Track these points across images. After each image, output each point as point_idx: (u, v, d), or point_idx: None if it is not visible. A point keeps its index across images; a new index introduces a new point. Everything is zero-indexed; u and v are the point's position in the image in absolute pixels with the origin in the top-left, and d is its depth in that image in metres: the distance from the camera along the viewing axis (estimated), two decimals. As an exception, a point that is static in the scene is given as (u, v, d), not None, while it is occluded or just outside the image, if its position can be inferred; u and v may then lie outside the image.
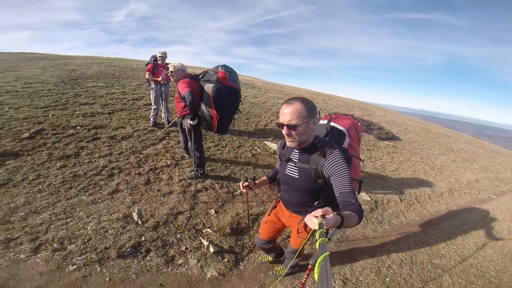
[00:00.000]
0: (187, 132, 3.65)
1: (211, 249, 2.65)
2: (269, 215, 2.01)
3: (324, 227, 0.89)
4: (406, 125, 11.09)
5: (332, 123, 2.09)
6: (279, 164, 1.80)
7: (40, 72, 8.44)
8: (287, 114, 1.38)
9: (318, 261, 0.71)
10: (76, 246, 2.46)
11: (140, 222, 2.86)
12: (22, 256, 2.30)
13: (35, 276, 2.15)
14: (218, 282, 2.38)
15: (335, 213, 1.00)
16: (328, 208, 0.99)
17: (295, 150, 1.58)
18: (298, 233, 1.79)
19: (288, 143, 1.50)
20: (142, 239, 2.65)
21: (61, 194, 3.13)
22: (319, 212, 0.96)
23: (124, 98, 6.46)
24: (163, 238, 2.72)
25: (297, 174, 1.56)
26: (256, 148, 5.07)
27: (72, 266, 2.27)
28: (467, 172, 7.05)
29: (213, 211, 3.24)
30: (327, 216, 0.95)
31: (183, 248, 2.65)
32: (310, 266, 1.83)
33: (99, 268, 2.29)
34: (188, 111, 3.33)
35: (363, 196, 4.19)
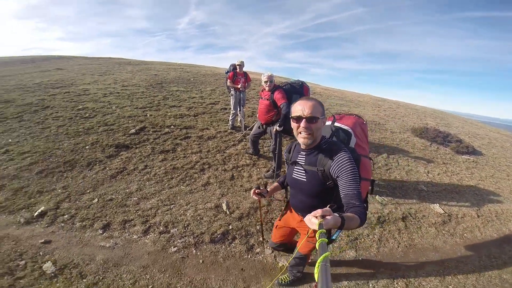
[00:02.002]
0: (272, 136, 3.98)
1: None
2: (280, 220, 1.99)
3: (324, 228, 0.90)
4: (490, 138, 9.82)
5: (336, 124, 2.03)
6: (286, 168, 1.74)
7: (131, 76, 9.87)
8: (306, 107, 1.37)
9: (318, 261, 0.72)
10: (177, 230, 2.89)
11: (228, 212, 3.23)
12: (135, 236, 2.77)
13: (144, 256, 2.55)
14: (287, 270, 2.53)
15: (335, 214, 1.00)
16: (328, 208, 0.99)
17: (301, 153, 1.53)
18: (308, 237, 1.66)
19: (304, 140, 1.43)
20: (230, 228, 2.99)
21: (164, 183, 3.71)
22: (318, 212, 0.96)
23: (203, 102, 7.19)
24: (246, 228, 3.02)
25: (305, 177, 1.52)
26: None
27: (173, 248, 2.67)
28: None
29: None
30: (327, 217, 0.95)
31: (261, 239, 2.91)
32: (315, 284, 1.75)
33: (194, 251, 2.66)
34: (272, 119, 3.77)
35: (436, 209, 3.98)
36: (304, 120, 1.37)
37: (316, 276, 0.69)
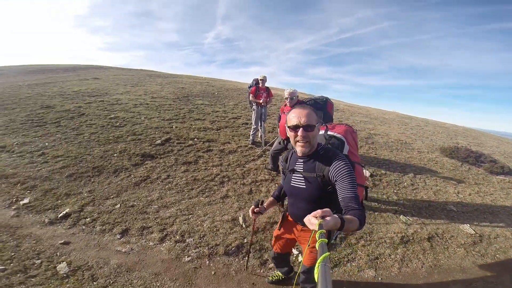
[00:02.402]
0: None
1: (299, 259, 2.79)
2: (279, 229, 1.96)
3: (324, 228, 0.89)
4: (529, 158, 9.01)
5: (329, 132, 2.08)
6: (283, 177, 1.76)
7: (159, 88, 10.38)
8: (302, 116, 1.39)
9: (318, 261, 0.71)
10: (193, 240, 2.88)
11: (244, 225, 3.19)
12: (151, 243, 2.80)
13: (158, 263, 2.56)
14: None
15: (335, 215, 0.99)
16: (328, 209, 0.99)
17: (299, 160, 1.56)
18: (310, 248, 1.65)
19: (302, 148, 1.46)
20: (245, 241, 2.93)
21: (185, 194, 3.76)
22: (318, 212, 0.96)
23: (226, 116, 7.35)
24: (261, 242, 2.94)
25: (304, 184, 1.52)
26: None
27: (187, 257, 2.66)
28: None
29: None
30: (326, 217, 0.95)
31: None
32: None
33: (207, 262, 2.63)
34: None
35: (466, 229, 3.67)
36: (301, 129, 1.39)
37: (316, 276, 0.68)
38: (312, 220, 0.95)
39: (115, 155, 4.61)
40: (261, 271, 2.60)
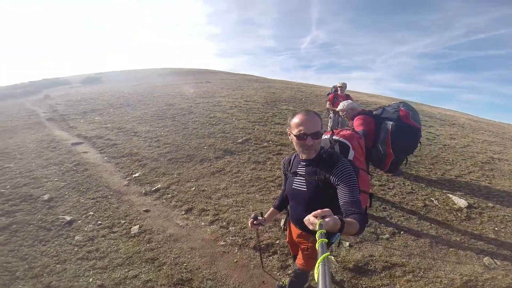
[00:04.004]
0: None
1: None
2: (288, 236, 1.97)
3: (324, 228, 0.89)
4: None
5: (334, 137, 2.03)
6: (285, 180, 1.76)
7: (254, 93, 11.50)
8: (310, 123, 1.39)
9: (318, 261, 0.71)
10: (234, 229, 3.25)
11: (282, 228, 3.31)
12: (202, 223, 3.35)
13: (198, 240, 3.04)
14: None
15: (335, 216, 0.99)
16: (328, 209, 0.98)
17: (301, 163, 1.55)
18: (307, 252, 1.67)
19: (307, 156, 1.47)
20: (276, 242, 3.07)
21: (245, 188, 4.22)
22: (318, 212, 0.96)
23: (306, 122, 7.53)
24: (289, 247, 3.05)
25: (305, 186, 1.52)
26: (433, 199, 4.29)
27: (222, 242, 3.03)
28: None
29: (347, 243, 3.19)
30: (326, 218, 0.94)
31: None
32: None
33: (236, 250, 2.91)
34: None
35: None
36: (309, 137, 1.40)
37: (316, 276, 0.68)
38: (311, 220, 0.97)
39: (205, 147, 5.64)
40: (278, 273, 2.72)
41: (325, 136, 2.02)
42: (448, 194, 4.46)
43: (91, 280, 2.56)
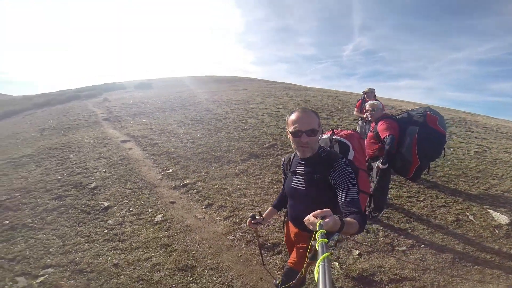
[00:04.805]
0: (374, 173, 3.69)
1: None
2: (285, 235, 1.97)
3: (324, 228, 0.89)
4: None
5: (335, 136, 2.01)
6: (284, 179, 1.77)
7: (288, 100, 11.70)
8: (305, 121, 1.40)
9: (318, 261, 0.71)
10: (245, 226, 3.39)
11: (283, 227, 3.47)
12: (218, 218, 3.63)
13: (210, 232, 3.29)
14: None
15: (335, 216, 0.99)
16: (328, 209, 0.98)
17: (300, 162, 1.57)
18: (300, 250, 1.68)
19: (303, 154, 1.49)
20: (283, 243, 3.13)
21: (263, 190, 4.44)
22: (318, 212, 0.96)
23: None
24: None
25: (304, 185, 1.54)
26: (468, 214, 3.96)
27: (232, 236, 3.24)
28: None
29: (357, 252, 3.15)
30: (326, 218, 0.94)
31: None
32: None
33: (242, 246, 3.09)
34: (375, 153, 3.42)
35: None
36: (304, 134, 1.41)
37: (316, 276, 0.68)
38: (311, 220, 0.97)
39: (233, 150, 6.04)
40: (278, 273, 2.78)
41: (325, 136, 2.04)
42: (488, 210, 4.11)
43: (109, 259, 2.94)
